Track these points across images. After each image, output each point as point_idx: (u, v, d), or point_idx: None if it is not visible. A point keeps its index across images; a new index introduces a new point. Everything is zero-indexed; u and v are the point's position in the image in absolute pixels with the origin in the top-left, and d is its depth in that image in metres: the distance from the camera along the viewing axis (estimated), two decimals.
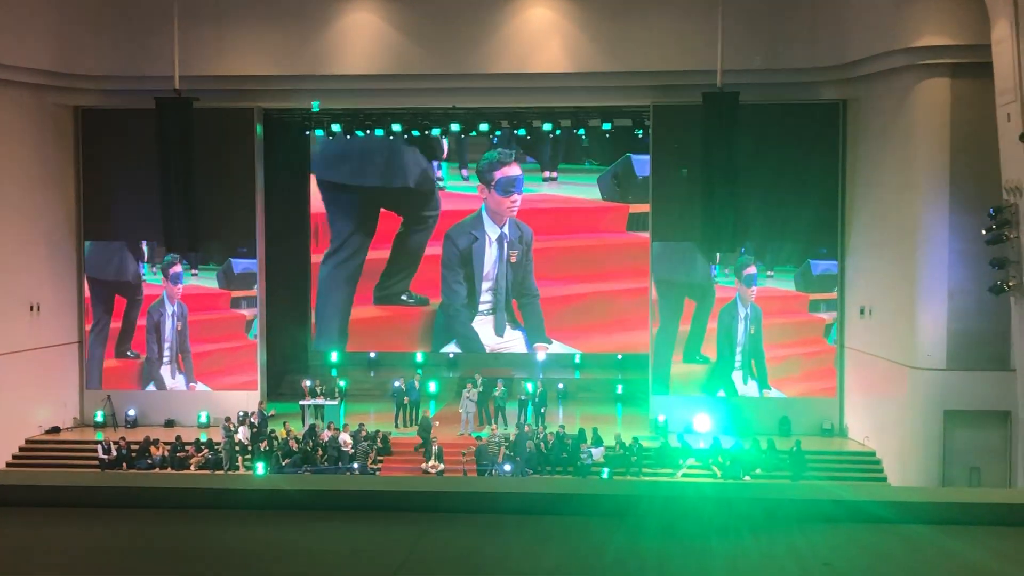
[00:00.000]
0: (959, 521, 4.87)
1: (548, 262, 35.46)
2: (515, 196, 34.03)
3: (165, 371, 33.77)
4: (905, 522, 4.84)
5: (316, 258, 37.50)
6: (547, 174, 34.41)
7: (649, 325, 33.19)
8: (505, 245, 34.78)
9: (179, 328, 33.85)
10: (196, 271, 33.67)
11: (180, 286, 33.69)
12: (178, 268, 33.60)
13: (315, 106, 33.11)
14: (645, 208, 33.69)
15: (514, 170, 33.65)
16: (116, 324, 33.94)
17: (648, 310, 32.97)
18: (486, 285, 35.13)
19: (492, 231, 35.15)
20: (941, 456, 27.95)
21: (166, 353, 33.91)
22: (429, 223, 36.01)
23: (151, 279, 33.90)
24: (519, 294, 35.09)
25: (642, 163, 33.71)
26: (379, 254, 36.73)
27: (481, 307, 35.13)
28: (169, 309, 33.98)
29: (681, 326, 32.30)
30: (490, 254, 35.17)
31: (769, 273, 32.22)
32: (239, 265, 33.46)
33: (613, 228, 34.55)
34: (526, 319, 35.28)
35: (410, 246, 36.26)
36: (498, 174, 34.54)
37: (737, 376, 32.50)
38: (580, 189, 34.85)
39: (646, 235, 33.63)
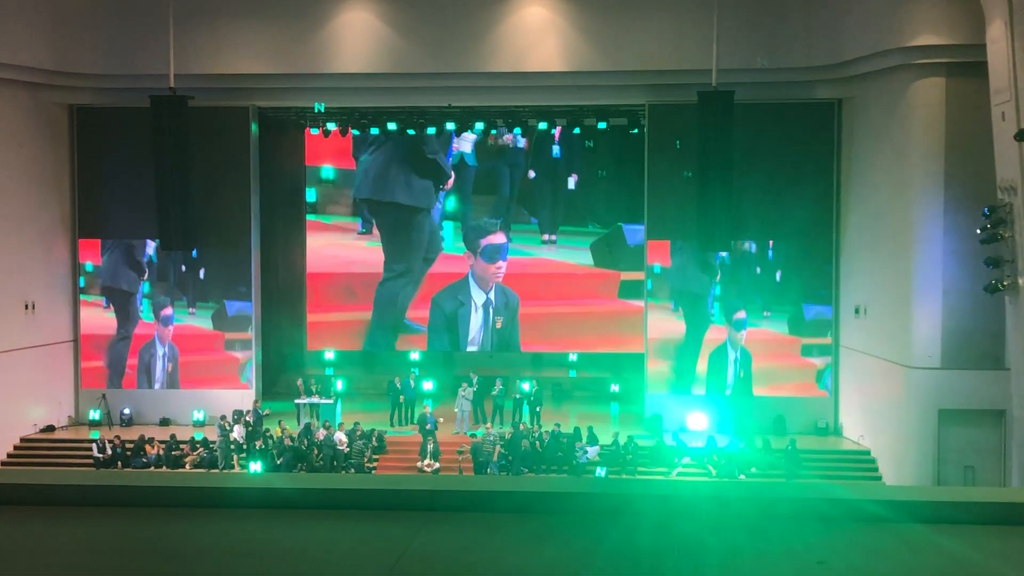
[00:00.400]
0: (953, 520, 4.89)
1: (535, 328, 35.70)
2: (500, 263, 34.27)
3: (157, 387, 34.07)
4: (900, 521, 4.86)
5: (311, 256, 37.37)
6: (546, 237, 34.51)
7: (644, 326, 33.28)
8: (491, 311, 35.00)
9: (169, 369, 33.99)
10: (194, 310, 33.72)
11: (171, 327, 33.76)
12: (169, 310, 33.70)
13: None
14: (637, 276, 33.80)
15: (499, 238, 33.92)
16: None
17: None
18: (471, 349, 35.48)
19: (478, 296, 35.44)
20: (936, 455, 27.98)
21: (156, 384, 34.10)
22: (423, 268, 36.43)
23: (147, 317, 33.98)
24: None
25: (633, 232, 33.88)
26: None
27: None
28: (160, 350, 34.06)
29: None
30: (475, 320, 35.44)
31: (766, 313, 32.28)
32: (233, 307, 33.47)
33: (605, 295, 34.65)
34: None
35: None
36: (484, 241, 34.77)
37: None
38: (577, 253, 34.83)
39: (638, 302, 33.82)
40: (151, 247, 33.75)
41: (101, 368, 34.15)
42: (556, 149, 34.45)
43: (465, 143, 35.13)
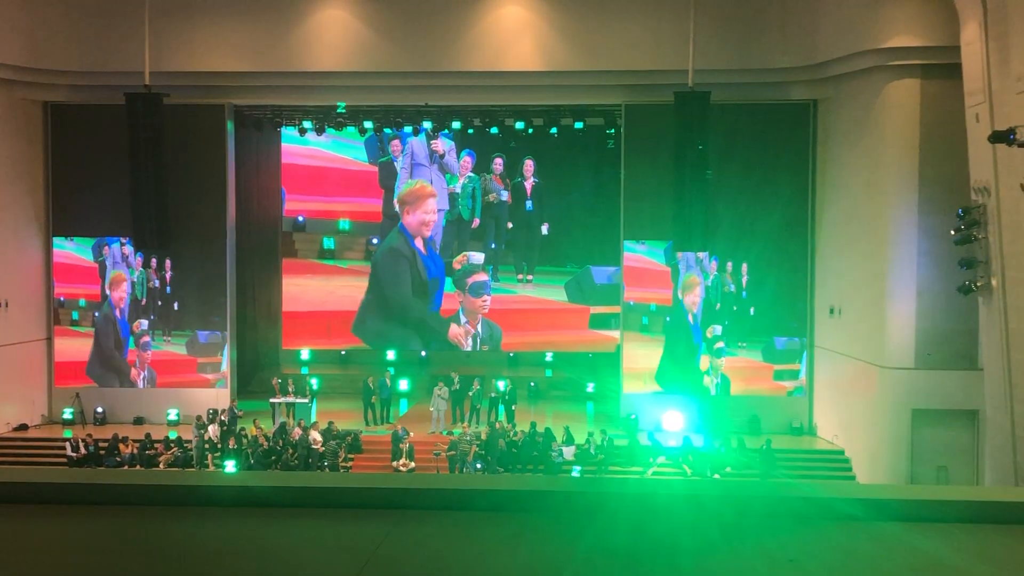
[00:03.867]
0: (926, 518, 4.91)
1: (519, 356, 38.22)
2: (485, 297, 36.85)
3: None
4: (873, 519, 4.88)
5: (287, 253, 37.38)
6: (520, 276, 37.32)
7: (620, 327, 33.40)
8: (478, 341, 37.14)
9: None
10: (169, 338, 34.16)
11: (149, 352, 34.15)
12: (147, 338, 34.08)
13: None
14: (605, 309, 36.22)
15: (483, 276, 36.77)
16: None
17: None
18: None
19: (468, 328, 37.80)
20: (909, 454, 28.13)
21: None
22: None
23: (130, 345, 34.31)
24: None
25: (600, 273, 36.63)
26: None
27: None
28: (140, 375, 34.31)
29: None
30: (465, 346, 37.57)
31: (741, 344, 32.88)
32: (204, 336, 34.14)
33: (577, 326, 37.20)
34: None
35: None
36: (470, 280, 36.92)
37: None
38: (551, 291, 37.43)
39: (607, 332, 36.24)
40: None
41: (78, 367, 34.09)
42: (528, 203, 37.10)
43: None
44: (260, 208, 36.79)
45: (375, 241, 37.36)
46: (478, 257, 37.00)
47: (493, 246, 37.17)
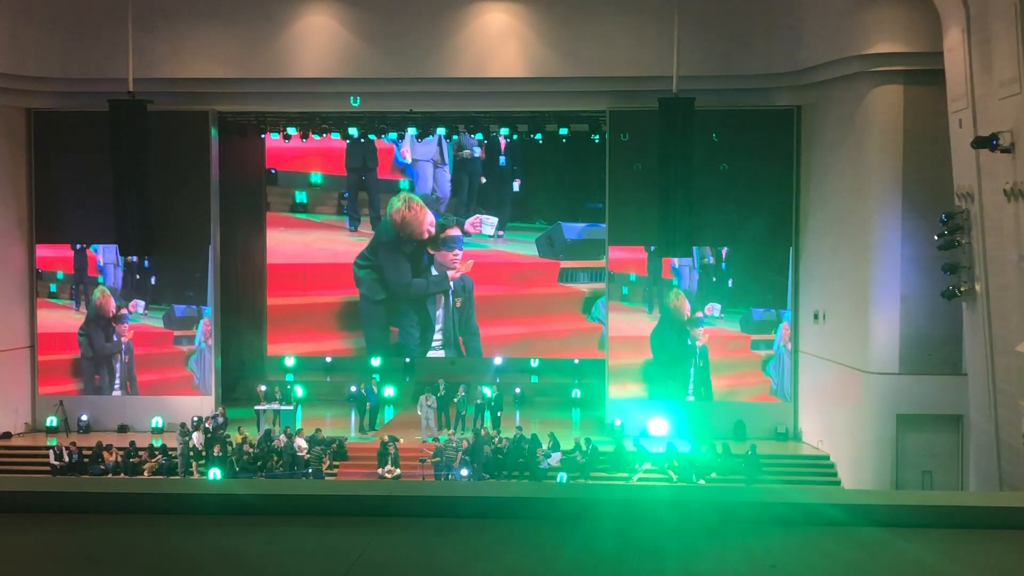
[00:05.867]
0: (911, 523, 4.92)
1: (489, 306, 38.44)
2: (457, 251, 37.66)
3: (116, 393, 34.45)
4: (858, 524, 4.89)
5: (271, 260, 37.39)
6: (500, 233, 37.95)
7: (604, 329, 33.43)
8: (451, 293, 38.00)
9: (126, 361, 34.35)
10: (147, 313, 34.30)
11: (127, 325, 34.23)
12: (124, 311, 34.19)
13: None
14: (574, 264, 37.49)
15: (455, 231, 37.44)
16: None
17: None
18: (437, 326, 38.56)
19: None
20: (894, 459, 28.19)
21: (116, 382, 34.24)
22: None
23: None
24: (463, 332, 38.57)
25: (570, 228, 37.52)
26: None
27: (433, 344, 38.55)
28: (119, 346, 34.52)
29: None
30: (439, 300, 38.40)
31: (720, 316, 33.10)
32: (180, 310, 34.30)
33: (546, 282, 37.98)
34: (468, 349, 38.81)
35: None
36: (443, 235, 37.67)
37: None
38: (523, 246, 38.07)
39: (576, 286, 37.61)
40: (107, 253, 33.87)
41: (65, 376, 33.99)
42: (502, 159, 37.53)
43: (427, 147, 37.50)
44: (244, 211, 36.70)
45: (347, 195, 38.10)
46: (491, 220, 37.70)
47: (466, 198, 37.83)
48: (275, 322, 37.80)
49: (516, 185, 37.47)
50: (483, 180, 37.53)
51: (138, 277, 34.14)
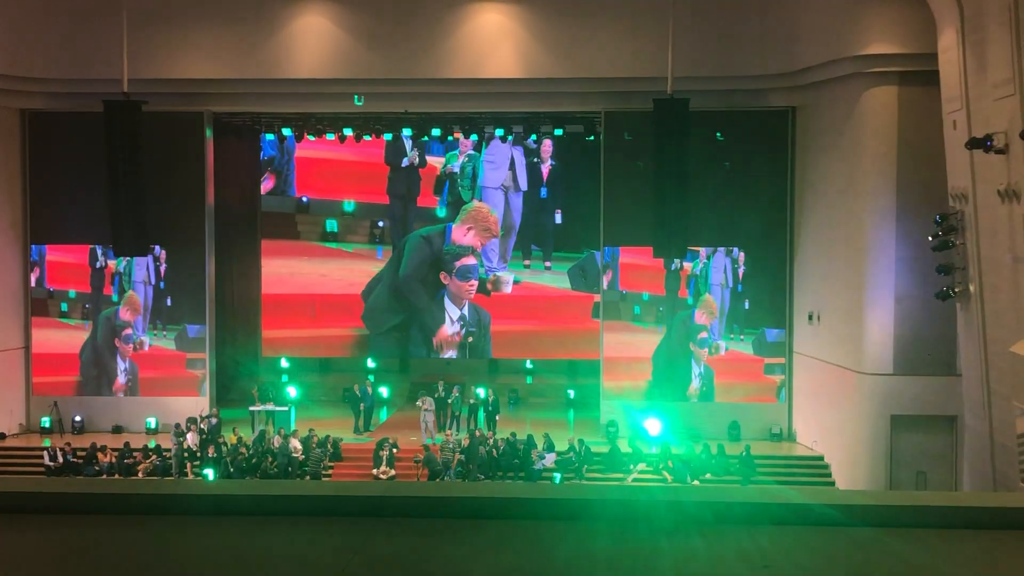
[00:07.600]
0: (905, 523, 4.93)
1: (506, 343, 37.11)
2: (472, 281, 36.19)
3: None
4: (852, 524, 4.89)
5: (266, 260, 37.25)
6: (527, 263, 36.62)
7: (600, 328, 33.42)
8: (462, 326, 36.67)
9: (127, 383, 34.04)
10: (157, 334, 33.94)
11: (130, 345, 33.92)
12: (129, 331, 33.90)
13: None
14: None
15: (471, 260, 36.10)
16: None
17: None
18: (448, 355, 37.17)
19: (453, 312, 36.93)
20: (888, 460, 28.22)
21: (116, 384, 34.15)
22: None
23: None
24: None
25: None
26: None
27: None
28: (121, 365, 34.11)
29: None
30: (450, 330, 36.84)
31: (734, 336, 32.78)
32: (193, 330, 33.90)
33: (578, 316, 36.19)
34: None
35: None
36: (458, 263, 36.37)
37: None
38: (557, 278, 36.66)
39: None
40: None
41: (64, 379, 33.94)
42: (543, 190, 36.29)
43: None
44: (238, 213, 36.64)
45: (380, 224, 36.84)
46: (508, 279, 36.35)
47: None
48: (270, 321, 37.67)
49: (558, 216, 36.40)
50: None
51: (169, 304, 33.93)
